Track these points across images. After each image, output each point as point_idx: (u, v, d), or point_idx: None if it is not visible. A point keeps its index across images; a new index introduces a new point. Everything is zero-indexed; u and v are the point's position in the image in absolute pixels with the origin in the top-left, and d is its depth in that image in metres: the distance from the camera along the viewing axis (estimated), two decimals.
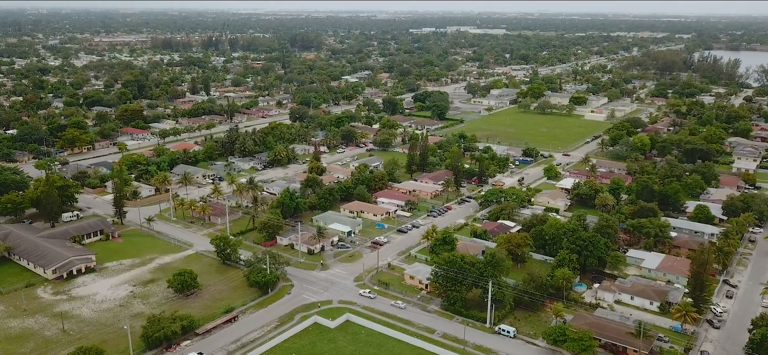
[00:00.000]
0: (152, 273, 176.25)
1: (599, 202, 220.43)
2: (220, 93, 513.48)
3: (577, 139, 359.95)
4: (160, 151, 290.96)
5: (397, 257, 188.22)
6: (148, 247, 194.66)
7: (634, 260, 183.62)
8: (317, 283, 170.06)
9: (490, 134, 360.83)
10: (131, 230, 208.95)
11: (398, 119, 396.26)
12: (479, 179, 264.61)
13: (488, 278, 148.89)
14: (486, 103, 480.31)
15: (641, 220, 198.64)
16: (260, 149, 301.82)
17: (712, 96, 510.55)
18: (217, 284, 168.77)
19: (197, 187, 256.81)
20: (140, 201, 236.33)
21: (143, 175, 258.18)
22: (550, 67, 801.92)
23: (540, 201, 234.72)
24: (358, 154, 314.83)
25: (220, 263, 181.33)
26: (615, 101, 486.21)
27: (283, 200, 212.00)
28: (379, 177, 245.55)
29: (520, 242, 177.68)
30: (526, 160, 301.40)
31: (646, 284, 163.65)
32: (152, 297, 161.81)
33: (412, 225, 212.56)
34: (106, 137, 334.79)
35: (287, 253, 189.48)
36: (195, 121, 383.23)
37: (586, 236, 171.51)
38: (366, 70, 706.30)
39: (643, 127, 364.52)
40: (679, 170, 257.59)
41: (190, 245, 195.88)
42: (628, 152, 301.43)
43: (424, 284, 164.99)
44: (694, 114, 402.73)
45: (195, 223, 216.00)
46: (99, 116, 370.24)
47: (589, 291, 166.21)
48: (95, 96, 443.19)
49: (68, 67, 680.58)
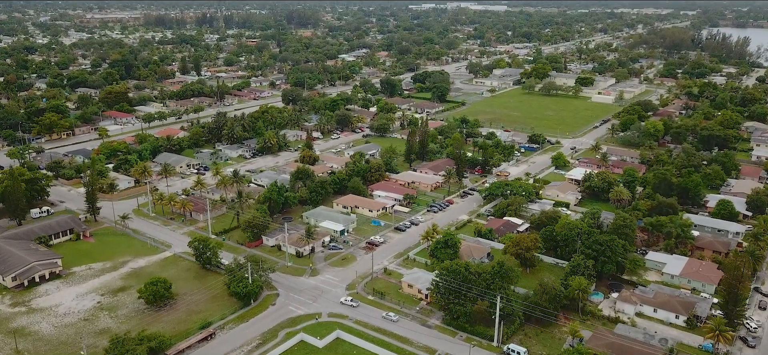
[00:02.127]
0: (124, 280, 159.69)
1: (614, 197, 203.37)
2: (212, 73, 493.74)
3: (585, 123, 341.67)
4: (142, 138, 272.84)
5: (394, 259, 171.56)
6: (121, 248, 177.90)
7: (654, 264, 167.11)
8: (305, 291, 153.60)
9: (494, 118, 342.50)
10: (105, 229, 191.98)
11: (397, 102, 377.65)
12: (483, 169, 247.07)
13: (496, 291, 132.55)
14: (489, 84, 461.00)
15: (661, 218, 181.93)
16: (249, 135, 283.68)
17: (723, 76, 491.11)
18: (195, 293, 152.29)
19: (180, 177, 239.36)
20: (117, 194, 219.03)
21: (122, 166, 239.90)
22: (554, 45, 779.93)
23: (548, 194, 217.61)
24: (353, 141, 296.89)
25: (200, 268, 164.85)
26: (623, 82, 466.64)
27: (270, 195, 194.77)
28: (375, 168, 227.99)
29: (529, 244, 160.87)
30: (532, 147, 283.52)
31: (670, 295, 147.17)
32: (121, 309, 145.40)
33: (410, 222, 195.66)
34: (87, 122, 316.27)
35: (274, 255, 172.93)
36: (183, 104, 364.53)
37: (603, 239, 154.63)
38: (364, 48, 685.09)
39: (655, 111, 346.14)
40: (697, 160, 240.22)
41: (167, 246, 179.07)
42: (641, 139, 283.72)
43: (424, 294, 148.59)
44: (707, 96, 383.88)
45: (175, 219, 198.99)
46: (81, 99, 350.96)
47: (607, 301, 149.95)
48: (80, 77, 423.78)
49: (56, 45, 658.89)
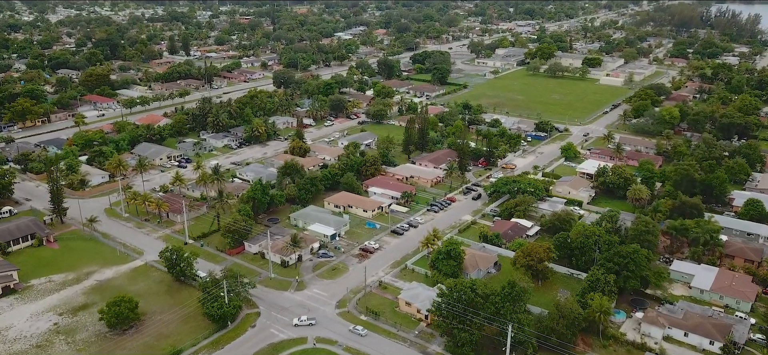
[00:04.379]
0: (87, 295, 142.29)
1: (632, 195, 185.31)
2: (202, 53, 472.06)
3: (594, 108, 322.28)
4: (121, 127, 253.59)
5: (390, 270, 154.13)
6: (88, 255, 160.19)
7: (680, 275, 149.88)
8: (290, 310, 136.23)
9: (498, 103, 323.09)
10: (71, 232, 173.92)
11: (394, 84, 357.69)
12: (487, 161, 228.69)
13: (507, 317, 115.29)
14: (491, 65, 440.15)
15: (686, 221, 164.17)
16: (236, 123, 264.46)
17: (736, 56, 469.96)
18: (166, 312, 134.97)
19: (160, 171, 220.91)
20: (89, 191, 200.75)
21: (96, 158, 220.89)
22: (557, 23, 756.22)
23: (559, 191, 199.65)
24: (348, 128, 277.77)
25: (174, 280, 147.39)
26: (632, 63, 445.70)
27: (253, 195, 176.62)
28: (370, 162, 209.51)
29: (542, 255, 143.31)
30: (539, 136, 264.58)
31: (702, 315, 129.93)
32: (80, 332, 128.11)
33: (408, 224, 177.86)
34: (64, 107, 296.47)
35: (257, 263, 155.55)
36: (169, 87, 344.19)
37: (626, 251, 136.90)
38: (361, 26, 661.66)
39: (668, 95, 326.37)
40: (718, 151, 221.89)
41: (139, 253, 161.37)
42: (655, 126, 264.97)
43: (424, 315, 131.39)
44: (722, 78, 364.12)
45: (150, 220, 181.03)
46: (60, 82, 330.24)
47: (629, 321, 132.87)
48: (62, 57, 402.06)
49: (42, 22, 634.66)
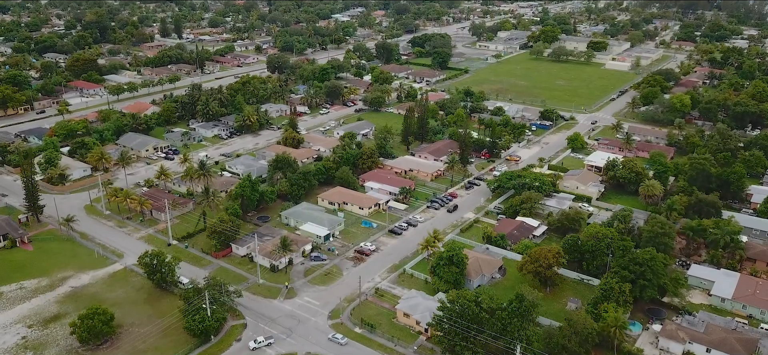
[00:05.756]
0: (60, 303, 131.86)
1: (644, 192, 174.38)
2: (195, 36, 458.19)
3: (601, 94, 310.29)
4: (106, 116, 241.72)
5: (387, 274, 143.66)
6: (64, 258, 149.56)
7: (698, 281, 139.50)
8: (279, 321, 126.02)
9: (500, 89, 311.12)
10: (48, 232, 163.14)
11: (393, 69, 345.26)
12: (490, 153, 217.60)
13: (515, 334, 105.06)
14: (493, 49, 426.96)
15: (703, 221, 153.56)
16: (228, 111, 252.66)
17: (745, 39, 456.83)
18: (144, 324, 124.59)
19: (145, 164, 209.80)
20: (70, 186, 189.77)
21: (79, 150, 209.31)
22: (560, 4, 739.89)
23: (567, 186, 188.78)
24: (344, 117, 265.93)
25: (154, 286, 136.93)
26: (638, 46, 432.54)
27: (242, 191, 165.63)
28: (367, 154, 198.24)
29: (551, 260, 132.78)
30: (544, 125, 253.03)
31: (725, 329, 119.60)
32: (50, 348, 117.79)
33: (407, 223, 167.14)
34: (49, 94, 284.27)
35: (244, 268, 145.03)
36: (158, 72, 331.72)
37: (643, 258, 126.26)
38: (359, 7, 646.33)
39: (677, 81, 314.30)
40: (733, 142, 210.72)
41: (119, 256, 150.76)
42: (665, 114, 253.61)
43: (424, 327, 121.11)
44: (732, 63, 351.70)
45: (132, 218, 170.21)
46: (45, 67, 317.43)
47: (646, 334, 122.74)
48: (48, 41, 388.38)
49: (31, 2, 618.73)
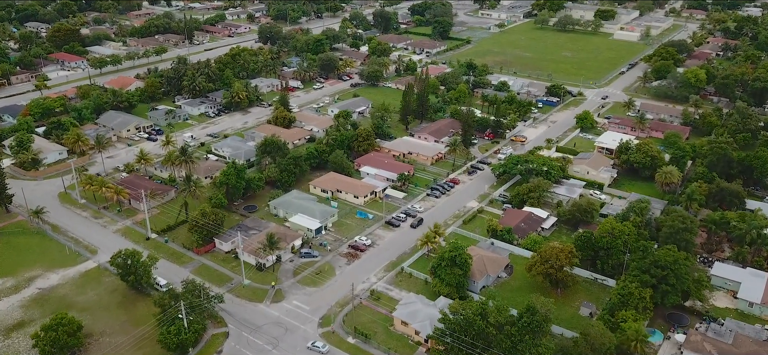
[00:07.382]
0: (25, 309, 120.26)
1: (661, 180, 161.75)
2: (185, 3, 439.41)
3: (609, 67, 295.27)
4: (86, 92, 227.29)
5: (384, 273, 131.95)
6: (32, 255, 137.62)
7: (723, 281, 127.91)
8: (265, 328, 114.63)
9: (504, 61, 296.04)
10: (17, 224, 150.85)
11: (391, 39, 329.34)
12: (495, 133, 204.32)
13: (526, 353, 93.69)
14: (497, 17, 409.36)
15: (727, 214, 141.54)
16: (216, 87, 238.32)
17: (758, 7, 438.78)
18: (116, 333, 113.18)
19: (127, 145, 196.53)
20: (44, 171, 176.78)
21: (55, 130, 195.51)
22: None
23: (576, 170, 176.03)
24: (339, 92, 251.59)
25: (129, 288, 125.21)
26: (647, 15, 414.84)
27: (228, 180, 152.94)
28: (363, 136, 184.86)
29: (563, 260, 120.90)
30: (551, 101, 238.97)
31: (755, 340, 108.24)
32: None
33: (405, 214, 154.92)
34: (27, 67, 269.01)
35: (228, 266, 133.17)
36: (145, 43, 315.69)
37: (665, 261, 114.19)
38: None
39: (689, 53, 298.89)
40: (754, 122, 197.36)
41: (93, 252, 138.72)
42: (679, 90, 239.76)
43: (423, 338, 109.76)
44: (747, 33, 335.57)
45: (109, 208, 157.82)
46: (23, 38, 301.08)
47: (667, 344, 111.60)
48: (30, 9, 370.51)
49: None
